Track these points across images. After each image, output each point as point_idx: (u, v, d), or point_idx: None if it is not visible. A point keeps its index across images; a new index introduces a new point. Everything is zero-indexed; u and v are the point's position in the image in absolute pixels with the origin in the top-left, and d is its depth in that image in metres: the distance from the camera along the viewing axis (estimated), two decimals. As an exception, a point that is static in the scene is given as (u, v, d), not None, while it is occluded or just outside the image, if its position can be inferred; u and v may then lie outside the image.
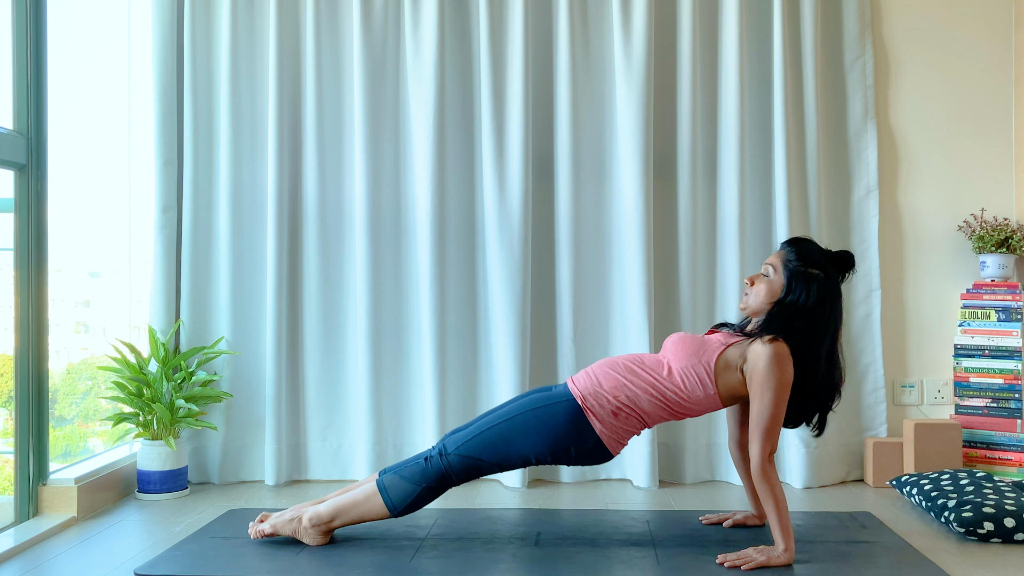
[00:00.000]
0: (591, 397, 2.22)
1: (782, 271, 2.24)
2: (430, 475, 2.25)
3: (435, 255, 3.08)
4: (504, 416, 2.27)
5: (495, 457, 2.25)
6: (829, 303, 2.21)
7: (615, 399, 2.21)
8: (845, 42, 3.18)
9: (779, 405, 2.14)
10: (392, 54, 3.16)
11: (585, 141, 3.14)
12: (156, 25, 3.11)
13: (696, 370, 2.20)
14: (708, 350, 2.22)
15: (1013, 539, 2.36)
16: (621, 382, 2.23)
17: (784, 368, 2.14)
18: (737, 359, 2.20)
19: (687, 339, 2.28)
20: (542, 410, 2.24)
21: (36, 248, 2.62)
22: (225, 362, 3.15)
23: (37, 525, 2.52)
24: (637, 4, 3.05)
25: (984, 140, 3.25)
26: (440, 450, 2.27)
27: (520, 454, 2.24)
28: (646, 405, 2.22)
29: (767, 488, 2.13)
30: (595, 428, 2.21)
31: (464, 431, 2.31)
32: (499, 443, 2.24)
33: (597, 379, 2.26)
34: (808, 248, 2.25)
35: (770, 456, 2.14)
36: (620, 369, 2.26)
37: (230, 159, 3.13)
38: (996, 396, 3.07)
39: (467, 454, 2.24)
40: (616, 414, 2.21)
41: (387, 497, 2.25)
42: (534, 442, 2.23)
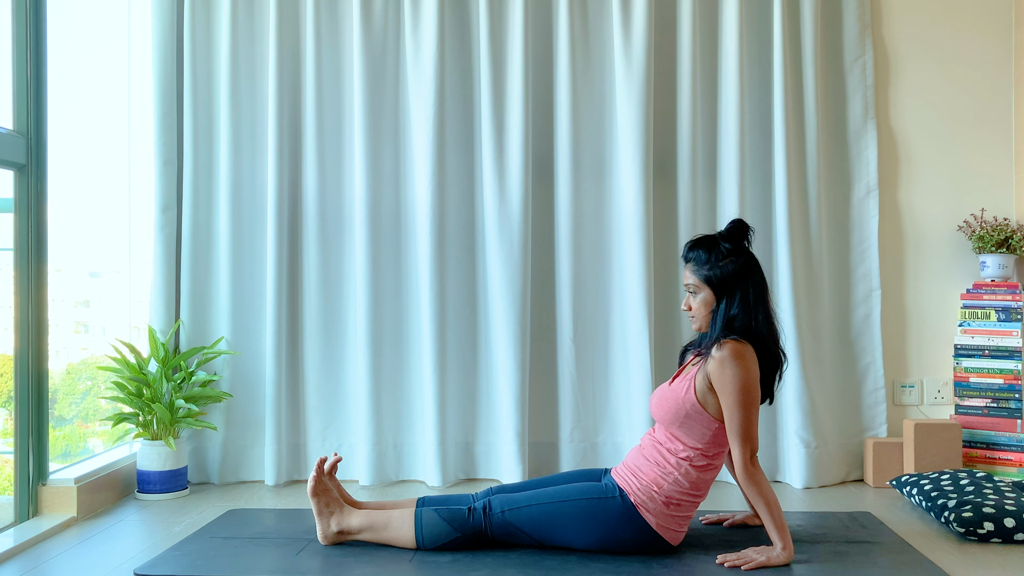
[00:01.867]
0: (642, 492, 2.19)
1: (701, 282, 2.23)
2: (468, 527, 2.24)
3: (435, 255, 3.08)
4: (556, 496, 2.25)
5: (537, 534, 2.24)
6: (749, 276, 2.20)
7: (661, 489, 2.18)
8: (845, 42, 3.18)
9: (747, 403, 2.12)
10: (392, 54, 3.16)
11: (585, 141, 3.14)
12: (156, 25, 3.12)
13: (691, 419, 2.19)
14: (683, 396, 2.20)
15: (1013, 539, 2.36)
16: (657, 472, 2.20)
17: (743, 363, 2.12)
18: (704, 381, 2.18)
19: (663, 399, 2.25)
20: (595, 503, 2.21)
21: (36, 248, 2.62)
22: (225, 362, 3.15)
23: (37, 525, 2.52)
24: (637, 4, 3.05)
25: (984, 140, 3.25)
26: (485, 506, 2.26)
27: (565, 540, 2.24)
28: (687, 481, 2.19)
29: (755, 489, 2.13)
30: (651, 523, 2.19)
31: (514, 495, 2.29)
32: (546, 523, 2.23)
33: (638, 472, 2.23)
34: (705, 245, 2.24)
35: (752, 457, 2.14)
36: (649, 455, 2.24)
37: (230, 159, 3.13)
38: (996, 396, 3.07)
39: (511, 521, 2.24)
40: (668, 504, 2.19)
41: (420, 532, 2.24)
42: (584, 534, 2.21)
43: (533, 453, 3.16)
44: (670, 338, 3.16)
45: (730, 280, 2.20)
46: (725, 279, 2.20)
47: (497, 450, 3.13)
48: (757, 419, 2.15)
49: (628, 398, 3.09)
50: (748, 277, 2.20)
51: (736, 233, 2.23)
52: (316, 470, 2.32)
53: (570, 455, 3.14)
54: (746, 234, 2.24)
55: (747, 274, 2.20)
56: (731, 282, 2.20)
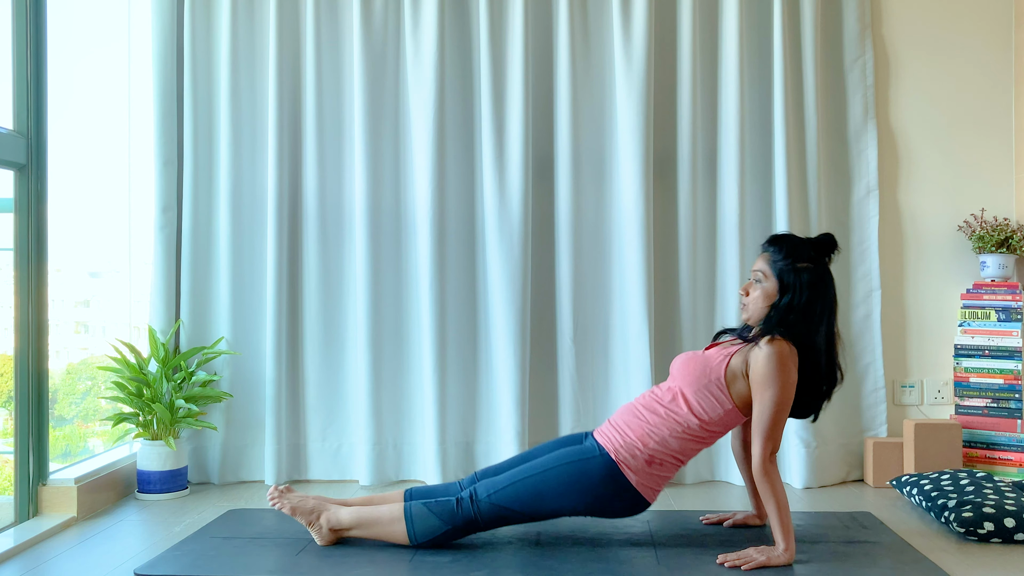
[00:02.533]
0: (623, 450, 2.22)
1: (772, 273, 2.24)
2: (458, 518, 2.25)
3: (435, 255, 3.08)
4: (537, 468, 2.26)
5: (526, 509, 2.24)
6: (823, 291, 2.21)
7: (645, 447, 2.21)
8: (845, 42, 3.18)
9: (781, 404, 2.14)
10: (392, 54, 3.16)
11: (585, 141, 3.14)
12: (156, 25, 3.12)
13: (709, 389, 2.21)
14: (714, 365, 2.22)
15: (1013, 539, 2.36)
16: (646, 428, 2.22)
17: (786, 367, 2.14)
18: (741, 366, 2.20)
19: (691, 360, 2.27)
20: (575, 466, 2.23)
21: (36, 248, 2.62)
22: (225, 362, 3.15)
23: (37, 525, 2.52)
24: (637, 4, 3.05)
25: (984, 140, 3.25)
26: (471, 494, 2.26)
27: (553, 509, 2.24)
28: (676, 444, 2.22)
29: (768, 487, 2.13)
30: (631, 480, 2.21)
31: (497, 478, 2.29)
32: (531, 496, 2.23)
33: (623, 429, 2.25)
34: (791, 243, 2.25)
35: (772, 455, 2.15)
36: (641, 413, 2.26)
37: (230, 159, 3.13)
38: (996, 396, 3.07)
39: (498, 503, 2.24)
40: (650, 463, 2.21)
41: (411, 527, 2.25)
42: (569, 498, 2.23)
43: (533, 453, 3.16)
44: (670, 338, 3.16)
45: (800, 285, 2.20)
46: (796, 282, 2.20)
47: (497, 450, 3.13)
48: (785, 421, 2.17)
49: (628, 398, 3.09)
50: (819, 289, 2.21)
51: (824, 245, 2.25)
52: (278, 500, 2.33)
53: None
54: (832, 250, 2.25)
55: (819, 286, 2.21)
56: (800, 287, 2.20)
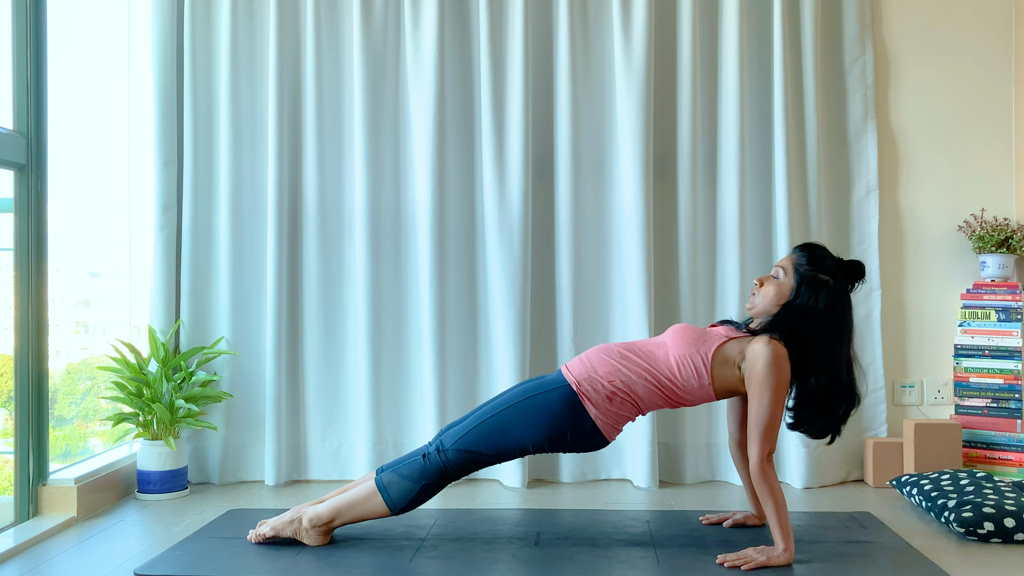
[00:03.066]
0: (586, 382, 2.23)
1: (792, 274, 2.24)
2: (429, 472, 2.25)
3: (435, 255, 3.08)
4: (499, 407, 2.28)
5: (492, 448, 2.25)
6: (839, 311, 2.21)
7: (610, 383, 2.22)
8: (845, 42, 3.18)
9: (777, 406, 2.15)
10: (392, 54, 3.16)
11: (585, 141, 3.14)
12: (156, 25, 3.12)
13: (693, 359, 2.21)
14: (708, 342, 2.23)
15: (1013, 539, 2.36)
16: (616, 367, 2.24)
17: (782, 369, 2.15)
18: (736, 355, 2.21)
19: (689, 329, 2.29)
20: (537, 397, 2.25)
21: (36, 248, 2.62)
22: (225, 362, 3.15)
23: (37, 525, 2.52)
24: (637, 4, 3.05)
25: (984, 140, 3.25)
26: (437, 446, 2.27)
27: (518, 443, 2.25)
28: (640, 390, 2.23)
29: (766, 488, 2.13)
30: (590, 413, 2.22)
31: (460, 425, 2.31)
32: (496, 434, 2.24)
33: (591, 364, 2.27)
34: (820, 254, 2.25)
35: (769, 456, 2.15)
36: (614, 355, 2.27)
37: (230, 159, 3.13)
38: (996, 396, 3.07)
39: (464, 448, 2.24)
40: (611, 399, 2.22)
41: (387, 496, 2.25)
42: (531, 430, 2.23)
43: (533, 453, 3.16)
44: (670, 338, 3.16)
45: (816, 295, 2.19)
46: (812, 291, 2.20)
47: (497, 450, 3.13)
48: (780, 422, 2.17)
49: (628, 398, 3.09)
50: (836, 308, 2.20)
51: (852, 269, 2.25)
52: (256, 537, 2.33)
53: (570, 455, 3.13)
54: (859, 277, 2.26)
55: (835, 304, 2.20)
56: (815, 297, 2.19)
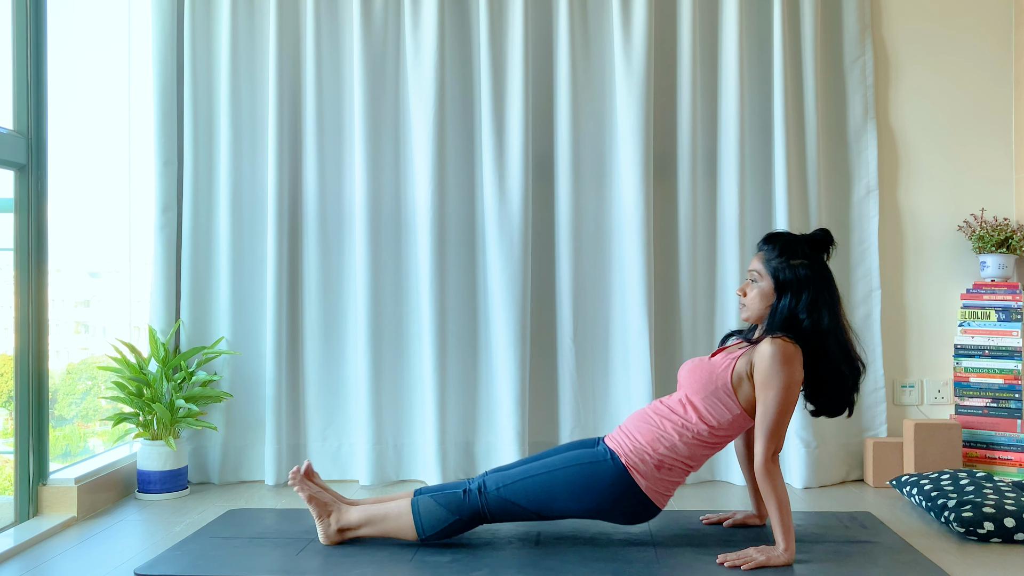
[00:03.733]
0: (633, 455, 2.21)
1: (767, 272, 2.24)
2: (465, 508, 2.24)
3: (435, 255, 3.08)
4: (548, 467, 2.26)
5: (534, 506, 2.24)
6: (822, 285, 2.20)
7: (655, 452, 2.20)
8: (845, 42, 3.18)
9: (785, 403, 2.14)
10: (392, 54, 3.16)
11: (585, 141, 3.14)
12: (156, 25, 3.12)
13: (717, 396, 2.20)
14: (720, 371, 2.22)
15: (1013, 539, 2.36)
16: (656, 433, 2.22)
17: (790, 365, 2.14)
18: (746, 368, 2.20)
19: (697, 367, 2.28)
20: (586, 467, 2.23)
21: (36, 248, 2.62)
22: (225, 362, 3.15)
23: (37, 525, 2.52)
24: (637, 4, 3.05)
25: (984, 140, 3.25)
26: (480, 486, 2.26)
27: (561, 510, 2.24)
28: (685, 449, 2.21)
29: (770, 487, 2.13)
30: (641, 485, 2.20)
31: (506, 472, 2.30)
32: (540, 494, 2.23)
33: (633, 435, 2.25)
34: (784, 240, 2.24)
35: (774, 455, 2.14)
36: (651, 419, 2.26)
37: (230, 159, 3.13)
38: (996, 396, 3.07)
39: (507, 497, 2.24)
40: (659, 467, 2.21)
41: (419, 520, 2.25)
42: (577, 500, 2.22)
43: (533, 452, 3.15)
44: (670, 338, 3.16)
45: (797, 282, 2.19)
46: (792, 279, 2.20)
47: (497, 450, 3.13)
48: (789, 421, 2.17)
49: (628, 398, 3.09)
50: (817, 284, 2.20)
51: (819, 242, 2.24)
52: (296, 484, 2.32)
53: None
54: (828, 246, 2.25)
55: (817, 281, 2.20)
56: (798, 284, 2.19)
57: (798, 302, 2.19)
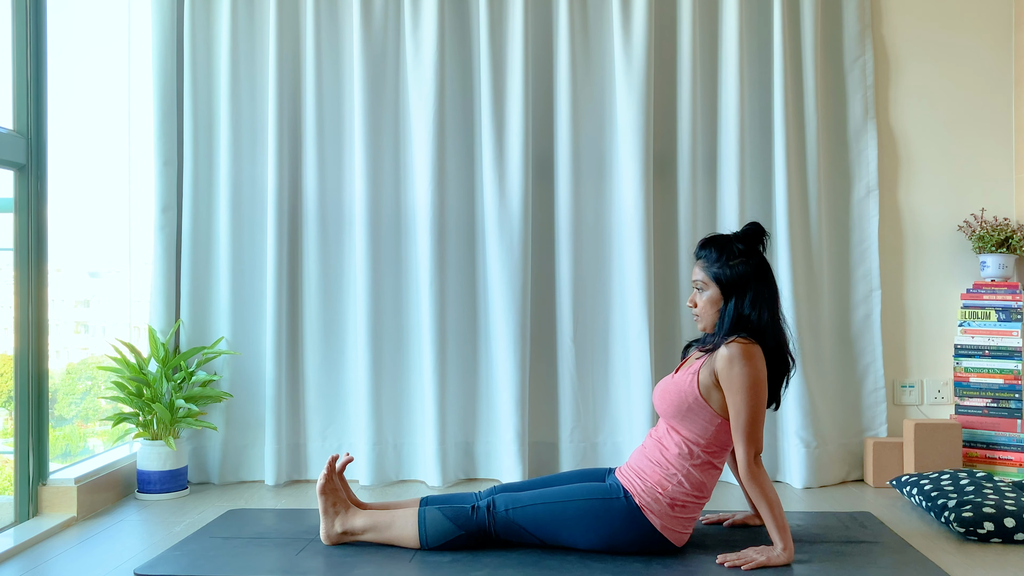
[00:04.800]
0: (645, 494, 2.19)
1: (709, 279, 2.23)
2: (472, 525, 2.24)
3: (435, 255, 3.08)
4: (560, 496, 2.24)
5: (541, 533, 2.24)
6: (761, 280, 2.20)
7: (665, 492, 2.18)
8: (845, 42, 3.18)
9: (754, 403, 2.12)
10: (392, 54, 3.16)
11: (585, 141, 3.14)
12: (156, 25, 3.12)
13: (693, 412, 2.19)
14: (686, 388, 2.20)
15: (1013, 539, 2.36)
16: (660, 473, 2.20)
17: (751, 363, 2.12)
18: (710, 377, 2.18)
19: (666, 391, 2.25)
20: (599, 503, 2.21)
21: (36, 248, 2.62)
22: (225, 362, 3.15)
23: (37, 525, 2.52)
24: (637, 4, 3.05)
25: (984, 140, 3.25)
26: (489, 504, 2.26)
27: (569, 540, 2.23)
28: (691, 482, 2.19)
29: (757, 490, 2.13)
30: (655, 524, 2.18)
31: (517, 494, 2.28)
32: (549, 523, 2.22)
33: (641, 474, 2.22)
34: (718, 244, 2.23)
35: (756, 457, 2.14)
36: (652, 456, 2.23)
37: (230, 159, 3.13)
38: (996, 396, 3.07)
39: (515, 520, 2.23)
40: (672, 506, 2.18)
41: (423, 530, 2.24)
42: (588, 535, 2.21)
43: (533, 453, 3.16)
44: (670, 338, 3.16)
45: (739, 281, 2.19)
46: (734, 279, 2.19)
47: (497, 450, 3.13)
48: (763, 420, 2.15)
49: (628, 398, 3.09)
50: (759, 280, 2.20)
51: (751, 236, 2.23)
52: (327, 468, 2.31)
53: (570, 455, 3.13)
54: (761, 238, 2.24)
55: (758, 277, 2.20)
56: (741, 283, 2.19)
57: (743, 301, 2.19)
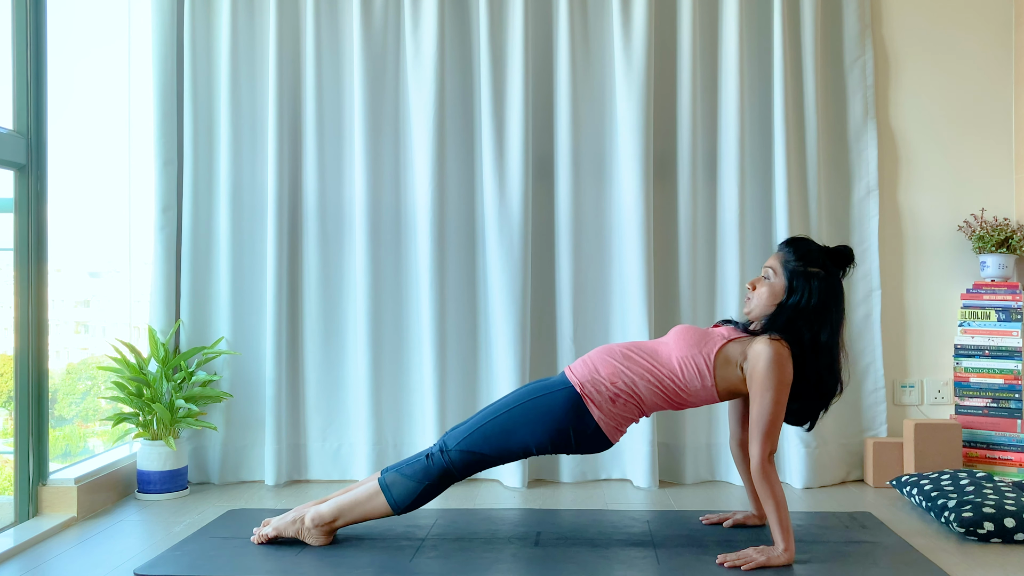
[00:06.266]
0: (589, 384, 2.23)
1: (782, 272, 2.24)
2: (432, 472, 2.26)
3: (435, 255, 3.08)
4: (503, 408, 2.28)
5: (496, 450, 2.25)
6: (832, 300, 2.21)
7: (612, 385, 2.22)
8: (845, 42, 3.18)
9: (779, 405, 2.14)
10: (392, 54, 3.16)
11: (585, 141, 3.14)
12: (156, 25, 3.12)
13: (696, 360, 2.21)
14: (710, 343, 2.23)
15: (1013, 539, 2.36)
16: (618, 368, 2.24)
17: (784, 369, 2.14)
18: (738, 356, 2.20)
19: (691, 330, 2.29)
20: (540, 399, 2.25)
21: (36, 248, 2.62)
22: (225, 362, 3.15)
23: (37, 525, 2.52)
24: (637, 4, 3.05)
25: (984, 140, 3.25)
26: (441, 447, 2.27)
27: (521, 445, 2.25)
28: (644, 392, 2.23)
29: (767, 488, 2.13)
30: (593, 415, 2.22)
31: (464, 426, 2.31)
32: (499, 435, 2.24)
33: (594, 366, 2.26)
34: (807, 247, 2.25)
35: (770, 456, 2.15)
36: (617, 356, 2.27)
37: (230, 159, 3.13)
38: (996, 396, 3.07)
39: (468, 449, 2.25)
40: (614, 400, 2.22)
41: (389, 495, 2.26)
42: (534, 431, 2.23)
43: (533, 453, 3.16)
44: (670, 338, 3.16)
45: (809, 289, 2.19)
46: (805, 285, 2.20)
47: (497, 450, 3.13)
48: (782, 422, 2.17)
49: (628, 398, 3.09)
50: (828, 298, 2.20)
51: (839, 255, 2.25)
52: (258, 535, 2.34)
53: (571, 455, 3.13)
54: (849, 262, 2.25)
55: (828, 295, 2.20)
56: (809, 292, 2.19)
57: (805, 309, 2.19)
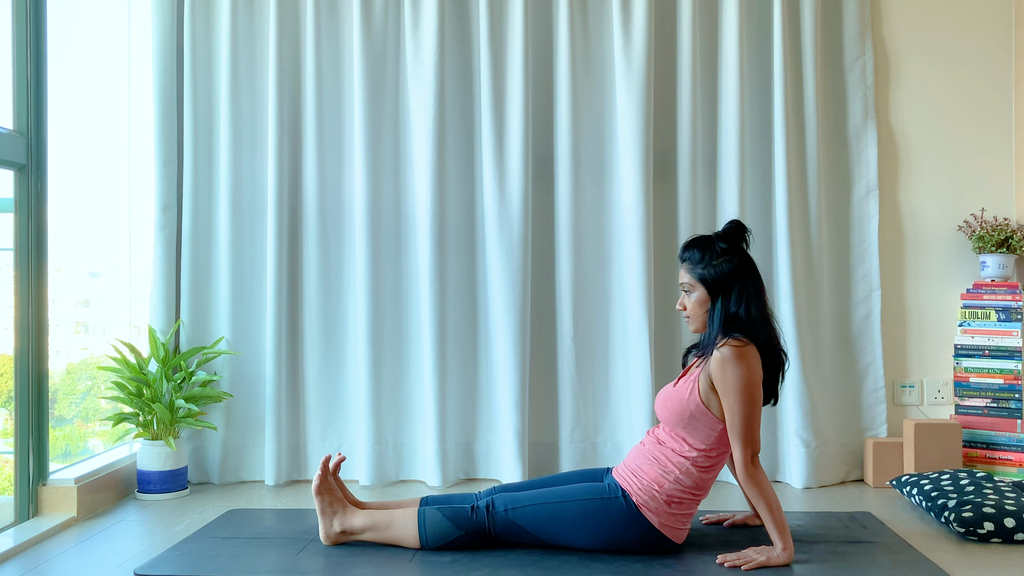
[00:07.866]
0: (642, 492, 2.19)
1: (696, 281, 2.23)
2: (471, 525, 2.24)
3: (435, 255, 3.08)
4: (559, 496, 2.25)
5: (541, 533, 2.24)
6: (746, 277, 2.20)
7: (661, 488, 2.18)
8: (845, 42, 3.18)
9: (748, 404, 2.12)
10: (392, 54, 3.16)
11: (585, 141, 3.14)
12: (156, 25, 3.12)
13: (696, 420, 2.19)
14: (687, 397, 2.20)
15: (1013, 539, 2.36)
16: (658, 470, 2.20)
17: (743, 364, 2.12)
18: (707, 382, 2.18)
19: (668, 400, 2.26)
20: (596, 503, 2.21)
21: (36, 248, 2.62)
22: (225, 362, 3.15)
23: (37, 525, 2.52)
24: (637, 4, 3.05)
25: (984, 140, 3.25)
26: (488, 504, 2.26)
27: (567, 540, 2.24)
28: (689, 480, 2.19)
29: (756, 490, 2.13)
30: (653, 522, 2.19)
31: (516, 494, 2.29)
32: (548, 523, 2.23)
33: (638, 472, 2.23)
34: (701, 245, 2.24)
35: (754, 458, 2.14)
36: (651, 454, 2.24)
37: (230, 159, 3.13)
38: (996, 396, 3.07)
39: (515, 520, 2.24)
40: (669, 503, 2.19)
41: (423, 530, 2.25)
42: (587, 535, 2.22)
43: (533, 453, 3.16)
44: (670, 338, 3.16)
45: (725, 279, 2.19)
46: (720, 279, 2.20)
47: (497, 450, 3.13)
48: (759, 420, 2.15)
49: (628, 398, 3.09)
50: (743, 276, 2.20)
51: (732, 234, 2.23)
52: (321, 469, 2.32)
53: (570, 455, 3.13)
54: (743, 235, 2.24)
55: (742, 273, 2.20)
56: (726, 281, 2.19)
57: (729, 299, 2.19)
